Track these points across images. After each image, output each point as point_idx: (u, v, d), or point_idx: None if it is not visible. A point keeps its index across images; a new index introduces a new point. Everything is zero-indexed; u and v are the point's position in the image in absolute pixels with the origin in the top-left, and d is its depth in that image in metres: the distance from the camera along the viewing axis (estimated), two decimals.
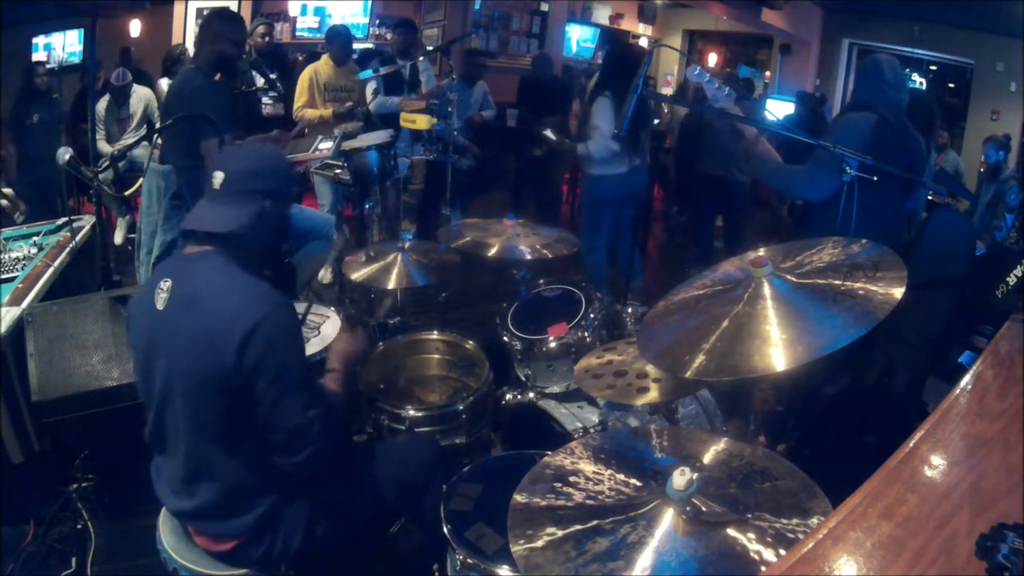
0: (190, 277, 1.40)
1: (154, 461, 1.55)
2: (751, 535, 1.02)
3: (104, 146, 4.77)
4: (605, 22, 9.36)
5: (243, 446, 1.39)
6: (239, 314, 1.32)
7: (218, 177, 1.42)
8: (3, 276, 2.45)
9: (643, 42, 9.46)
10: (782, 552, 0.97)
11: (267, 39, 4.49)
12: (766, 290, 1.31)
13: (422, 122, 3.58)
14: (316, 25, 6.89)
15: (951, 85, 8.21)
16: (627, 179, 3.54)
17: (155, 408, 1.43)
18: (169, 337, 1.38)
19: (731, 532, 1.03)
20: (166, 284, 1.40)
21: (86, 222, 2.97)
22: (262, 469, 1.42)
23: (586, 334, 2.16)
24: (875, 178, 1.74)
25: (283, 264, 1.59)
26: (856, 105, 2.38)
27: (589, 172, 3.67)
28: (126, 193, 3.96)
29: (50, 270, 2.52)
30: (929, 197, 3.06)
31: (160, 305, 1.39)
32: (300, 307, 1.91)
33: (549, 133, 3.77)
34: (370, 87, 4.33)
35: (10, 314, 2.16)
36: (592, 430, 1.88)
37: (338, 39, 4.37)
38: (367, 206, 3.30)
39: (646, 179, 3.74)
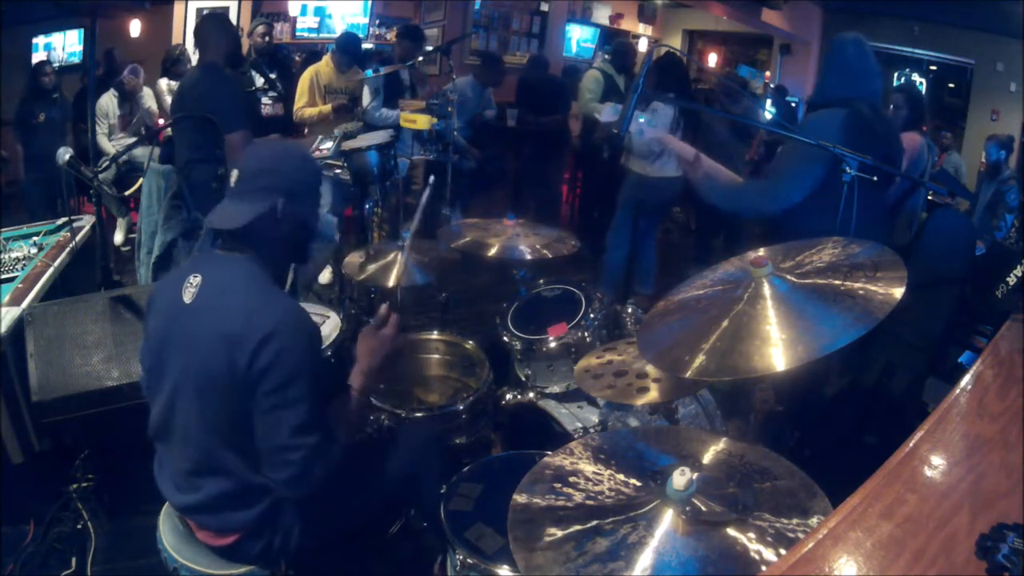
0: (220, 277, 1.42)
1: (157, 454, 1.55)
2: (751, 535, 1.02)
3: (105, 143, 4.77)
4: (605, 22, 9.35)
5: (251, 445, 1.39)
6: (259, 319, 1.33)
7: (234, 175, 1.44)
8: (3, 276, 2.45)
9: (643, 42, 9.46)
10: (782, 552, 0.97)
11: (267, 39, 4.48)
12: (766, 290, 1.31)
13: (422, 122, 3.58)
14: (316, 25, 6.88)
15: (951, 85, 8.21)
16: (674, 183, 3.60)
17: (164, 400, 1.43)
18: (190, 332, 1.39)
19: (731, 532, 1.03)
20: (196, 279, 1.41)
21: (86, 222, 2.96)
22: None
23: (586, 334, 2.16)
24: (852, 174, 1.69)
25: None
26: (823, 100, 2.13)
27: (641, 173, 3.67)
28: (126, 193, 3.96)
29: (50, 270, 2.51)
30: (929, 197, 3.06)
31: (187, 299, 1.41)
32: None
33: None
34: (370, 87, 4.32)
35: (10, 314, 2.16)
36: (592, 430, 1.88)
37: (348, 49, 4.34)
38: (367, 206, 3.30)
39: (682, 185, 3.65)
